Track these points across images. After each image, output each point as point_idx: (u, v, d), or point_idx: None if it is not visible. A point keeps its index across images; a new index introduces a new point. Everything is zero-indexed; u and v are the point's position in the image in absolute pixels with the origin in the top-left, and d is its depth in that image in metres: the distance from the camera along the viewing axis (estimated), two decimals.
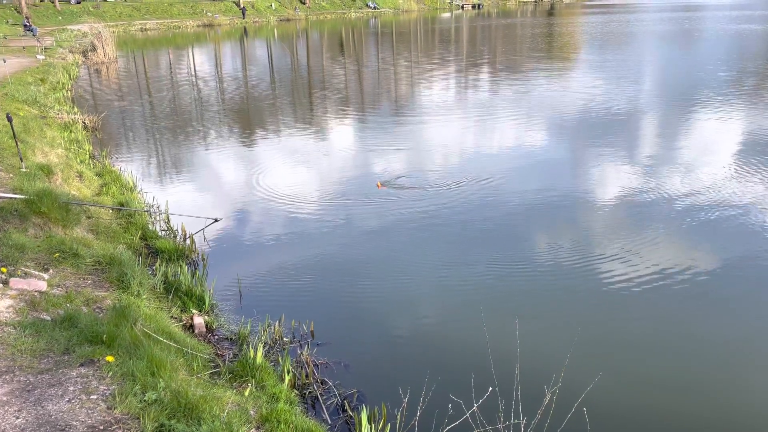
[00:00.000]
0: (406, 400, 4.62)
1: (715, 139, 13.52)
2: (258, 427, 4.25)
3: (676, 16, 61.38)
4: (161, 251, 7.91)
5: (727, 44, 34.77)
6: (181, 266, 7.40)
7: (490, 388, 4.29)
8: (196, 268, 7.79)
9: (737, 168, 11.28)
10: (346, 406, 5.13)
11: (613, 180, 10.80)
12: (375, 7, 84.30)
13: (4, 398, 3.80)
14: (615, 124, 15.30)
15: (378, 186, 10.71)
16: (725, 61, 26.70)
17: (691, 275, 7.29)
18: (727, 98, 18.09)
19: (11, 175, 8.59)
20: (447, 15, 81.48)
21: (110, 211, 8.93)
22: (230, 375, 5.07)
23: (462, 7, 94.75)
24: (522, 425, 4.28)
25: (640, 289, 7.02)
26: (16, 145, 9.01)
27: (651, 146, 13.24)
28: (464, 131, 15.68)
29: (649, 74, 24.59)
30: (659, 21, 54.91)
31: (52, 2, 57.19)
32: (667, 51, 33.60)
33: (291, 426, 4.37)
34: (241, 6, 67.37)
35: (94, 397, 3.89)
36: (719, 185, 10.29)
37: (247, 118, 19.22)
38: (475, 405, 4.27)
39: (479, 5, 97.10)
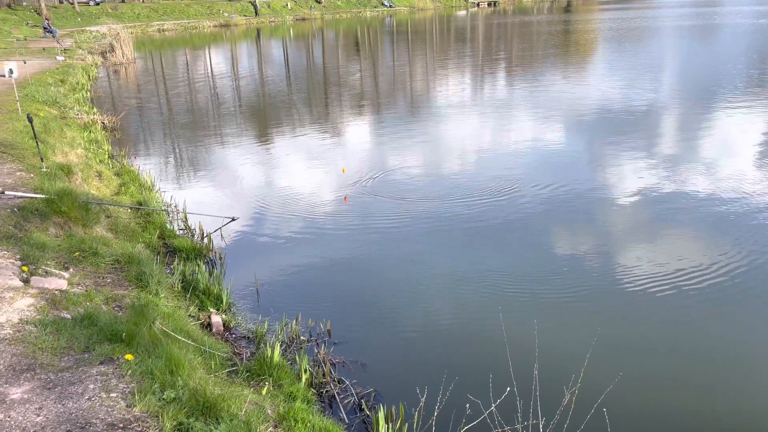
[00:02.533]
0: (423, 399, 4.60)
1: (739, 139, 13.30)
2: (275, 426, 4.26)
3: (697, 12, 60.56)
4: (179, 250, 7.96)
5: (752, 40, 34.24)
6: (198, 265, 7.44)
7: (509, 388, 4.26)
8: (213, 267, 7.83)
9: (762, 168, 11.09)
10: (363, 406, 5.12)
11: (633, 179, 10.67)
12: (390, 6, 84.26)
13: (26, 396, 3.84)
14: (636, 122, 15.12)
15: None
16: (750, 57, 26.29)
17: (712, 276, 7.17)
18: (752, 95, 17.79)
19: (32, 175, 8.70)
20: (462, 13, 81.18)
21: (129, 210, 9.01)
22: (248, 373, 5.09)
23: (477, 5, 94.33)
24: (541, 426, 4.25)
25: (660, 288, 6.92)
26: (37, 145, 9.13)
27: (672, 145, 13.07)
28: (482, 130, 15.61)
29: (673, 71, 24.28)
30: (681, 17, 54.22)
31: (72, 4, 57.91)
32: (691, 47, 33.17)
33: (308, 425, 4.36)
34: (255, 3, 67.56)
35: (114, 395, 3.92)
36: (743, 186, 10.10)
37: (264, 117, 19.30)
38: (493, 405, 4.24)
39: (495, 2, 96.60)
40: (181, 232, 9.00)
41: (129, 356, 4.34)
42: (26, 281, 5.43)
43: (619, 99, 18.03)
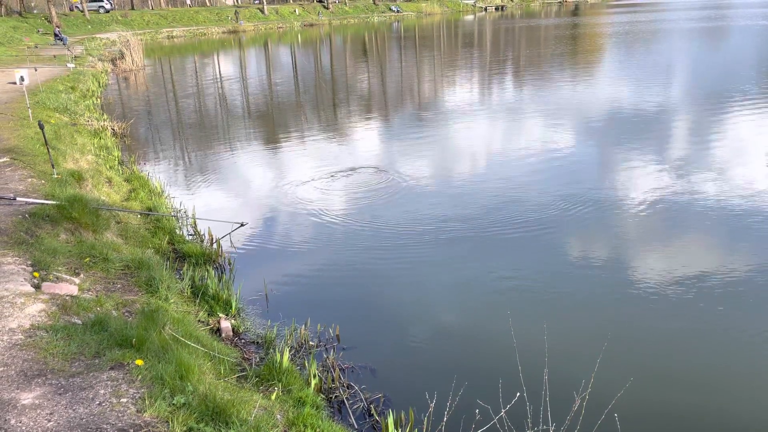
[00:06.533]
0: (432, 404, 4.58)
1: (751, 142, 13.21)
2: (285, 431, 4.26)
3: (705, 14, 60.28)
4: (188, 255, 7.99)
5: (763, 41, 34.04)
6: (207, 270, 7.47)
7: (518, 394, 4.24)
8: (222, 272, 7.86)
9: None
10: (373, 411, 5.11)
11: (644, 184, 10.60)
12: (398, 11, 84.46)
13: (37, 401, 3.86)
14: (647, 126, 15.05)
15: None
16: (762, 59, 26.13)
17: (724, 277, 7.12)
18: (765, 97, 17.67)
19: (43, 181, 8.77)
20: (470, 17, 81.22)
21: (138, 216, 9.06)
22: (257, 379, 5.10)
23: (485, 9, 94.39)
24: (551, 431, 4.22)
25: (672, 291, 6.87)
26: (48, 151, 9.20)
27: (683, 148, 13.00)
28: (490, 134, 15.59)
29: (685, 74, 24.17)
30: (690, 19, 53.99)
31: (82, 12, 58.45)
32: (701, 49, 33.01)
33: (317, 430, 4.37)
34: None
35: (124, 400, 3.93)
36: (754, 188, 10.04)
37: (273, 122, 19.37)
38: (503, 410, 4.21)
39: (502, 7, 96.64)
40: (191, 237, 9.04)
41: (139, 361, 4.36)
42: (37, 287, 5.47)
43: (631, 103, 17.96)
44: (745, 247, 7.96)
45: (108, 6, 62.79)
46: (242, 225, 8.84)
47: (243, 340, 6.09)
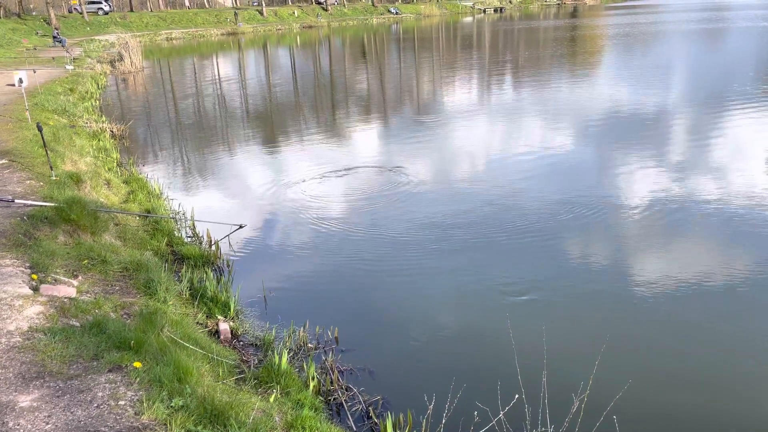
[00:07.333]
0: (431, 407, 4.58)
1: (750, 143, 13.22)
2: None
3: (706, 16, 60.37)
4: (187, 257, 7.98)
5: (762, 42, 34.10)
6: (206, 272, 7.46)
7: (517, 396, 4.24)
8: (221, 275, 7.85)
9: None
10: (371, 413, 5.10)
11: (642, 186, 10.61)
12: (397, 13, 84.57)
13: (35, 404, 3.85)
14: (646, 129, 15.08)
15: None
16: (761, 60, 26.16)
17: (723, 280, 7.12)
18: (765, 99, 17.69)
19: (42, 183, 8.75)
20: (469, 19, 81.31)
21: (137, 218, 9.05)
22: (255, 381, 5.09)
23: (484, 11, 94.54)
24: None
25: (670, 294, 6.88)
26: (47, 153, 9.19)
27: (682, 150, 13.01)
28: (490, 137, 15.60)
29: (684, 75, 24.19)
30: (688, 21, 54.07)
31: (81, 13, 58.46)
32: (700, 50, 33.06)
33: None
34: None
35: (122, 402, 3.92)
36: (753, 191, 10.04)
37: (272, 124, 19.38)
38: (502, 412, 4.22)
39: (501, 9, 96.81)
40: (189, 239, 9.03)
41: (137, 364, 4.35)
42: (35, 289, 5.46)
43: (631, 105, 17.98)
44: (743, 249, 7.96)
45: (107, 8, 62.84)
46: (241, 227, 8.83)
47: (241, 342, 6.09)
